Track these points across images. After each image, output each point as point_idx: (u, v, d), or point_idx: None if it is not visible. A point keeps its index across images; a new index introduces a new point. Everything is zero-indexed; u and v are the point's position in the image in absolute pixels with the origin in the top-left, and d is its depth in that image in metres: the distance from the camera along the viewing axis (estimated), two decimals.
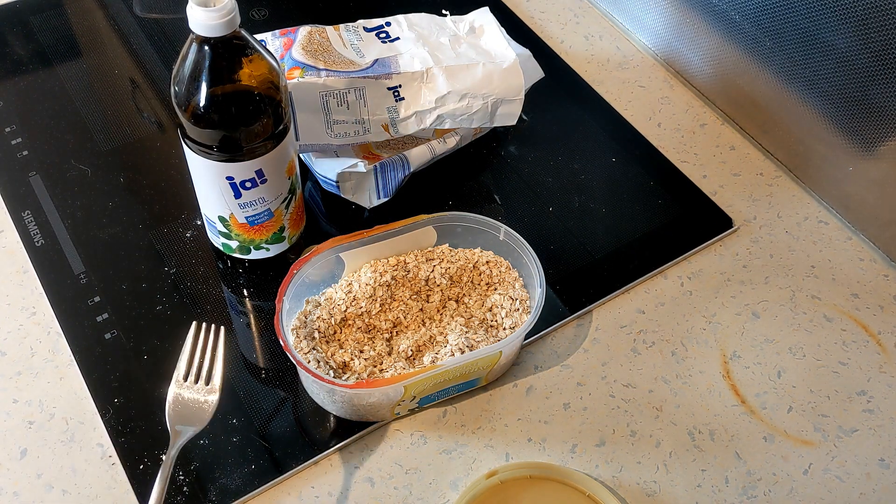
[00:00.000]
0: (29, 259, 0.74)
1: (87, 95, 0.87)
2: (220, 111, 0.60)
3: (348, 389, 0.60)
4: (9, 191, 0.78)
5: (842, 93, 0.76)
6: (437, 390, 0.64)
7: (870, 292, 0.76)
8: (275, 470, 0.63)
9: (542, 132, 0.87)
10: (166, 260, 0.74)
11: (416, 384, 0.61)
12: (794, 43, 0.78)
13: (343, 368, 0.65)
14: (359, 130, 0.74)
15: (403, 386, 0.61)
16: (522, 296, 0.69)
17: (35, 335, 0.70)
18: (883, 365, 0.71)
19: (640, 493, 0.63)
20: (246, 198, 0.66)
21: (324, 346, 0.66)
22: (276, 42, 0.78)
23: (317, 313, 0.67)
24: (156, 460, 0.62)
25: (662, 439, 0.66)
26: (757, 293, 0.76)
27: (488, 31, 0.82)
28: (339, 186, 0.75)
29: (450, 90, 0.75)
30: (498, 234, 0.71)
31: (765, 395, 0.69)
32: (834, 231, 0.81)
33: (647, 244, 0.78)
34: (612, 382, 0.69)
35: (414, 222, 0.70)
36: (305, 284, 0.67)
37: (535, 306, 0.66)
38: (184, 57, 0.59)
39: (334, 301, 0.68)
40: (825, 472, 0.65)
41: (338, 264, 0.69)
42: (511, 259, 0.71)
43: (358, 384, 0.60)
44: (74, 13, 0.95)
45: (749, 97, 0.86)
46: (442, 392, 0.65)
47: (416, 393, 0.63)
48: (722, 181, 0.84)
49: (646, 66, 0.95)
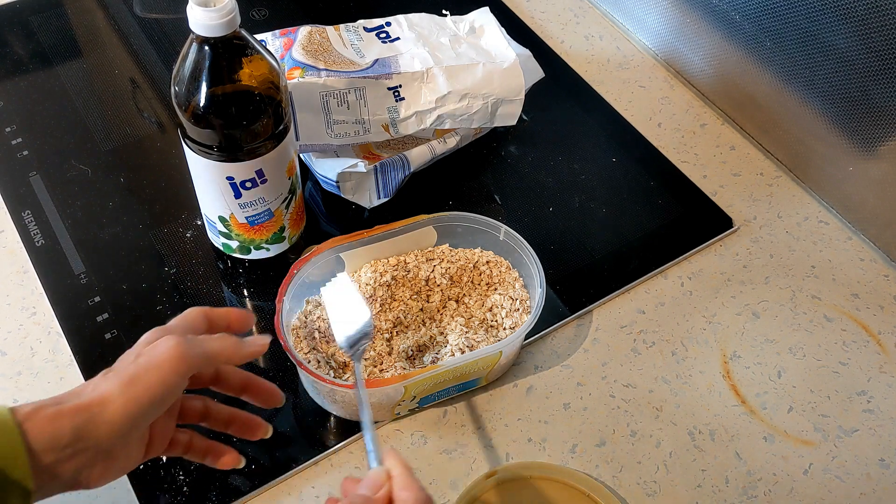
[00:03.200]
0: (29, 259, 0.74)
1: (87, 95, 0.87)
2: (221, 111, 0.60)
3: (349, 390, 0.60)
4: (9, 191, 0.78)
5: (842, 93, 0.76)
6: (437, 390, 0.64)
7: (870, 292, 0.76)
8: (275, 470, 0.63)
9: (542, 132, 0.87)
10: (166, 260, 0.74)
11: (416, 384, 0.61)
12: (794, 43, 0.78)
13: (343, 368, 0.65)
14: (359, 130, 0.74)
15: (404, 386, 0.61)
16: (522, 296, 0.69)
17: (35, 335, 0.70)
18: (883, 365, 0.71)
19: (640, 493, 0.63)
20: (246, 198, 0.66)
21: (324, 346, 0.66)
22: (276, 42, 0.78)
23: (317, 313, 0.67)
24: (156, 460, 0.62)
25: (662, 439, 0.66)
26: (757, 293, 0.76)
27: (488, 31, 0.82)
28: (340, 186, 0.75)
29: (450, 90, 0.75)
30: (498, 235, 0.71)
31: (765, 395, 0.69)
32: (834, 231, 0.81)
33: (647, 244, 0.78)
34: (613, 382, 0.69)
35: (414, 222, 0.70)
36: (306, 284, 0.67)
37: (536, 306, 0.66)
38: (184, 57, 0.59)
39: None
40: (825, 473, 0.65)
41: (338, 264, 0.69)
42: (511, 259, 0.71)
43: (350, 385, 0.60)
44: (74, 13, 0.95)
45: (749, 97, 0.86)
46: (442, 392, 0.65)
47: (417, 393, 0.63)
48: (722, 181, 0.84)
49: (646, 66, 0.95)
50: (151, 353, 0.48)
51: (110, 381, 0.47)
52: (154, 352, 0.48)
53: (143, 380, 0.47)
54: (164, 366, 0.47)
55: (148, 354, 0.48)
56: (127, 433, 0.47)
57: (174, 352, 0.48)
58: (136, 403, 0.46)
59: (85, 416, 0.45)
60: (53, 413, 0.45)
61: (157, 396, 0.47)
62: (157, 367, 0.47)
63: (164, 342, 0.48)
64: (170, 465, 0.62)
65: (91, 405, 0.46)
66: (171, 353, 0.48)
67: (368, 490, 0.48)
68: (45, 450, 0.44)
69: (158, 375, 0.47)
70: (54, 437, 0.44)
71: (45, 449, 0.44)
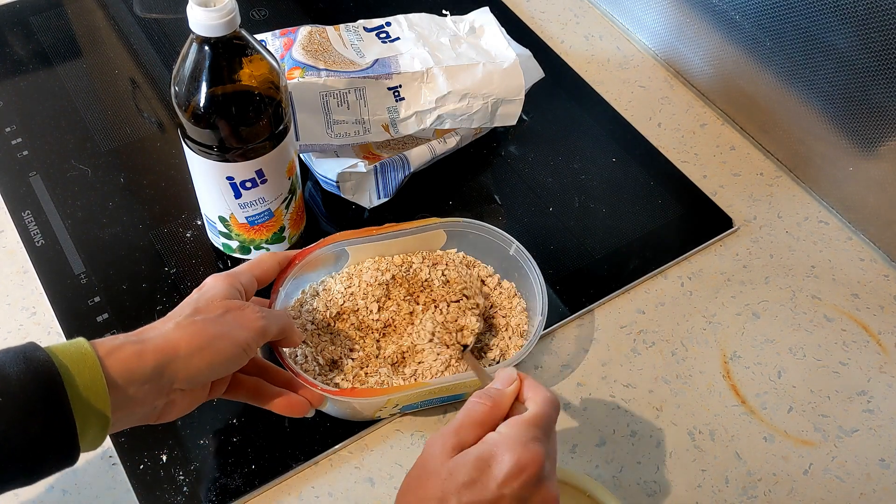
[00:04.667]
0: (29, 259, 0.74)
1: (87, 95, 0.87)
2: (221, 111, 0.60)
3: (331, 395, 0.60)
4: (9, 191, 0.78)
5: (842, 93, 0.76)
6: (420, 400, 0.64)
7: (870, 292, 0.76)
8: (275, 470, 0.63)
9: (542, 132, 0.87)
10: (166, 260, 0.74)
11: (398, 398, 0.61)
12: (794, 43, 0.78)
13: (331, 366, 0.64)
14: (359, 130, 0.74)
15: (386, 399, 0.61)
16: (521, 321, 0.69)
17: (35, 335, 0.70)
18: (883, 365, 0.71)
19: (640, 493, 0.63)
20: (246, 198, 0.66)
21: (315, 339, 0.65)
22: (276, 42, 0.78)
23: (313, 304, 0.67)
24: (156, 460, 0.62)
25: (662, 439, 0.66)
26: (757, 293, 0.76)
27: (488, 31, 0.82)
28: (340, 186, 0.75)
29: (450, 90, 0.75)
30: (508, 249, 0.70)
31: (765, 395, 0.69)
32: (834, 231, 0.81)
33: (647, 244, 0.78)
34: (613, 382, 0.69)
35: (425, 224, 0.69)
36: (306, 274, 0.67)
37: (534, 332, 0.65)
38: (184, 57, 0.59)
39: (332, 293, 0.67)
40: (825, 473, 0.65)
41: (342, 256, 0.69)
42: (515, 276, 0.70)
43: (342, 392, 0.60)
44: (74, 13, 0.95)
45: (749, 97, 0.86)
46: (426, 402, 0.65)
47: (399, 402, 0.63)
48: (722, 181, 0.84)
49: (646, 66, 0.95)
50: (236, 321, 0.53)
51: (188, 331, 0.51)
52: (240, 320, 0.54)
53: (218, 346, 0.52)
54: (242, 338, 0.53)
55: (232, 320, 0.53)
56: (199, 383, 0.52)
57: (257, 324, 0.54)
58: (209, 365, 0.52)
59: (167, 357, 0.50)
60: (137, 350, 0.49)
61: (230, 361, 0.53)
62: (236, 337, 0.53)
63: (250, 312, 0.54)
64: (170, 465, 0.62)
65: (174, 348, 0.50)
66: (255, 325, 0.54)
67: (501, 384, 0.53)
68: (127, 383, 0.48)
69: (234, 345, 0.52)
70: (137, 372, 0.49)
71: (127, 382, 0.48)
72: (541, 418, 0.50)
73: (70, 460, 0.47)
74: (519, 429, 0.49)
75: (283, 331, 0.57)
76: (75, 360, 0.47)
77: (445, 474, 0.47)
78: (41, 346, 0.47)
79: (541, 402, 0.51)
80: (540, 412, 0.50)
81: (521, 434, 0.48)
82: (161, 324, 0.52)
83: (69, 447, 0.46)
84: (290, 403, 0.58)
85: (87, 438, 0.47)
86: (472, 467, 0.47)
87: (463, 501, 0.46)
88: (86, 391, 0.46)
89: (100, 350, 0.48)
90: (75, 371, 0.46)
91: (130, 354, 0.49)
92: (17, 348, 0.47)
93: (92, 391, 0.46)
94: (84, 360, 0.47)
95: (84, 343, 0.48)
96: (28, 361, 0.46)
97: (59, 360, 0.46)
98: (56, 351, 0.47)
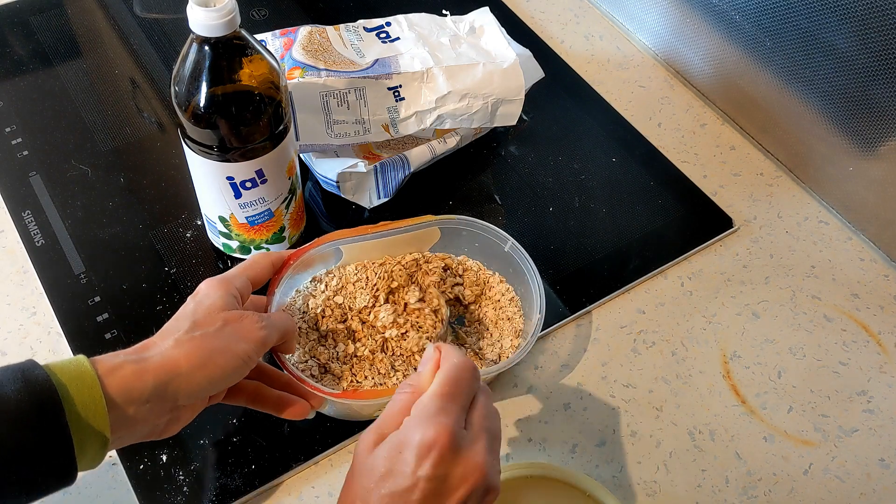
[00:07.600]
0: (29, 259, 0.74)
1: (87, 95, 0.87)
2: (221, 111, 0.60)
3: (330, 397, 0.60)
4: (9, 191, 0.78)
5: (842, 93, 0.76)
6: None
7: (870, 292, 0.76)
8: (275, 470, 0.63)
9: (542, 132, 0.87)
10: (166, 260, 0.74)
11: None
12: (794, 43, 0.78)
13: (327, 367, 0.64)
14: (359, 130, 0.74)
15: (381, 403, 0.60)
16: (517, 320, 0.68)
17: (35, 335, 0.70)
18: (883, 365, 0.71)
19: (640, 493, 0.63)
20: (246, 198, 0.66)
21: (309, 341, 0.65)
22: (276, 42, 0.78)
23: (307, 305, 0.66)
24: (156, 460, 0.62)
25: (662, 439, 0.66)
26: (757, 293, 0.76)
27: (488, 31, 0.82)
28: (340, 186, 0.75)
29: (450, 90, 0.75)
30: (503, 246, 0.69)
31: (765, 395, 0.69)
32: (834, 231, 0.81)
33: (647, 244, 0.78)
34: (612, 382, 0.69)
35: (419, 222, 0.69)
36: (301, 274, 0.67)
37: (532, 332, 0.65)
38: (184, 57, 0.59)
39: (325, 294, 0.67)
40: (825, 473, 0.65)
41: (336, 256, 0.68)
42: (511, 274, 0.70)
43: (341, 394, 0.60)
44: (74, 13, 0.95)
45: (749, 97, 0.86)
46: None
47: None
48: (722, 181, 0.84)
49: (646, 66, 0.95)
50: (235, 333, 0.52)
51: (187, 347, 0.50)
52: (239, 332, 0.53)
53: (218, 361, 0.51)
54: (242, 351, 0.52)
55: (231, 333, 0.52)
56: (201, 398, 0.52)
57: (258, 335, 0.53)
58: (209, 381, 0.51)
59: (168, 376, 0.49)
60: (137, 370, 0.48)
61: (232, 375, 0.52)
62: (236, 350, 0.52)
63: (250, 322, 0.53)
64: (170, 465, 0.62)
65: (174, 366, 0.50)
66: (255, 336, 0.53)
67: (420, 366, 0.52)
68: (126, 402, 0.48)
69: (235, 357, 0.52)
70: (137, 392, 0.48)
71: (126, 402, 0.48)
72: (445, 386, 0.48)
73: (68, 480, 0.46)
74: (423, 406, 0.47)
75: (284, 336, 0.57)
76: (74, 378, 0.46)
77: (367, 470, 0.46)
78: (40, 364, 0.46)
79: (446, 369, 0.49)
80: (443, 381, 0.48)
81: (424, 410, 0.47)
82: (160, 340, 0.51)
83: (67, 467, 0.45)
84: (291, 407, 0.58)
85: (86, 458, 0.47)
86: (386, 458, 0.46)
87: (383, 495, 0.45)
88: (84, 411, 0.46)
89: (100, 368, 0.47)
90: (74, 390, 0.46)
91: (130, 374, 0.48)
92: (15, 366, 0.46)
93: (91, 411, 0.46)
94: (83, 379, 0.46)
95: (84, 361, 0.47)
96: (26, 380, 0.45)
97: (57, 378, 0.46)
98: (55, 369, 0.46)
